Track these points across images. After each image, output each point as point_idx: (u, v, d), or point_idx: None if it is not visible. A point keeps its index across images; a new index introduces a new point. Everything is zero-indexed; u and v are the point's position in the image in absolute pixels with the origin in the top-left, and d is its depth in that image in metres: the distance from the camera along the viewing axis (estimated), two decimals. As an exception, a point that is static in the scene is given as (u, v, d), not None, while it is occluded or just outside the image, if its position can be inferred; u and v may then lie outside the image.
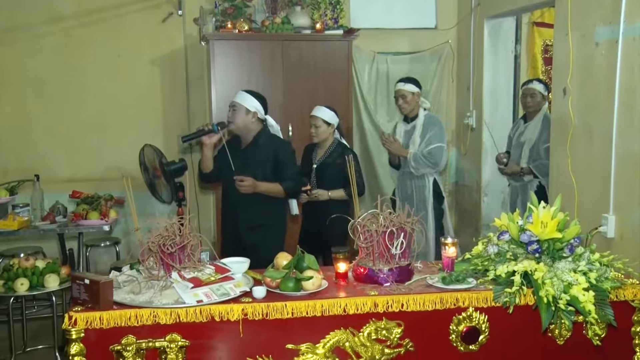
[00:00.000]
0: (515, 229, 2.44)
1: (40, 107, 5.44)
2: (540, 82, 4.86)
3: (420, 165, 4.52)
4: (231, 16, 4.99)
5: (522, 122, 4.94)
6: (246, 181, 3.63)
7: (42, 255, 4.75)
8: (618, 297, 2.42)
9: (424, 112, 4.62)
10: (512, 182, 4.94)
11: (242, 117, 3.74)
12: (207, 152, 3.81)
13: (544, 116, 4.75)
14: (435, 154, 4.49)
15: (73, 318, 2.14)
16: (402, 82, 4.65)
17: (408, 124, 4.66)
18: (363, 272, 2.48)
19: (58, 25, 5.38)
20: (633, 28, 3.43)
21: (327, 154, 4.28)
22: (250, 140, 3.79)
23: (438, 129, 4.55)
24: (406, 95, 4.57)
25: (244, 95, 3.80)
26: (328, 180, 4.22)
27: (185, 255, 2.35)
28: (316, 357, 2.29)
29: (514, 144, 4.93)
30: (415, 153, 4.52)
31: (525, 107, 4.87)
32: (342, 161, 4.14)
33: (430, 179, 4.60)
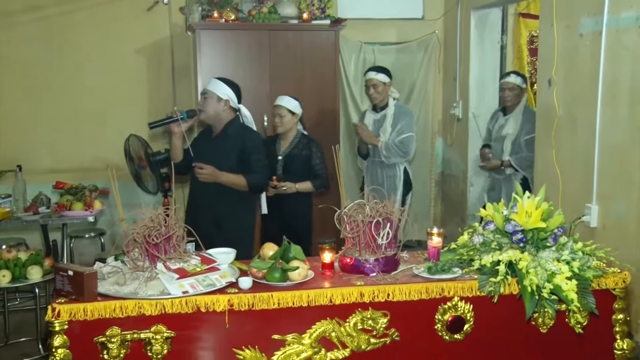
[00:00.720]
0: (500, 219, 2.46)
1: (21, 96, 5.37)
2: (518, 75, 4.81)
3: (392, 154, 4.54)
4: (217, 5, 4.95)
5: (502, 114, 4.89)
6: (205, 169, 3.48)
7: (24, 246, 4.71)
8: (600, 285, 2.45)
9: (393, 102, 4.63)
10: (494, 175, 4.92)
11: (213, 105, 3.59)
12: (176, 142, 3.67)
13: (524, 109, 4.73)
14: (407, 143, 4.53)
15: (56, 310, 2.13)
16: (374, 71, 4.64)
17: (377, 113, 4.67)
18: (349, 263, 2.48)
19: (39, 13, 5.31)
20: (616, 19, 3.46)
21: (292, 145, 4.16)
22: (220, 130, 3.65)
23: (409, 118, 4.59)
24: (378, 85, 4.58)
25: (216, 82, 3.66)
26: (295, 173, 4.10)
27: (171, 246, 2.34)
28: (302, 347, 2.29)
29: (495, 138, 4.89)
30: (387, 142, 4.54)
31: (503, 100, 4.83)
32: (308, 152, 4.11)
33: (401, 168, 4.64)
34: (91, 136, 5.49)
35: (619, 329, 2.52)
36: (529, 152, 4.56)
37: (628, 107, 3.41)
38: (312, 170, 4.13)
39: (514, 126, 4.71)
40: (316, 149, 4.15)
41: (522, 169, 4.63)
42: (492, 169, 4.85)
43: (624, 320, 2.52)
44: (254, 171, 3.59)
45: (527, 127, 4.60)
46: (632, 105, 3.37)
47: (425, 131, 6.15)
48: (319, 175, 4.13)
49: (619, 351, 2.53)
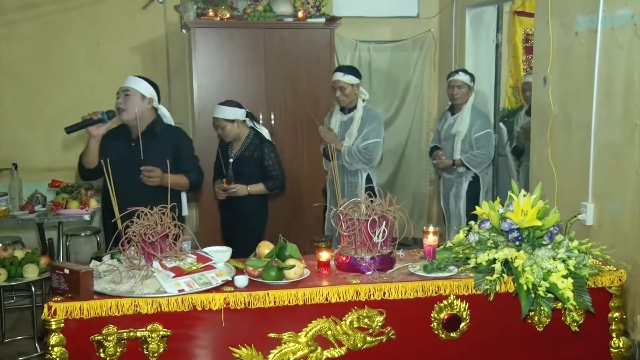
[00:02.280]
0: (496, 217, 2.46)
1: (17, 94, 5.36)
2: (466, 73, 4.72)
3: (354, 160, 4.28)
4: (212, 3, 4.95)
5: (450, 114, 4.79)
6: (155, 172, 3.29)
7: (20, 245, 4.69)
8: (596, 283, 2.45)
9: (362, 104, 4.36)
10: (446, 174, 4.79)
11: (137, 103, 3.38)
12: (93, 145, 3.36)
13: (472, 107, 4.66)
14: (372, 149, 4.26)
15: (53, 308, 2.12)
16: (341, 72, 4.34)
17: (345, 114, 4.42)
18: (345, 261, 2.48)
19: (34, 11, 5.30)
20: (611, 17, 3.47)
21: (244, 147, 4.04)
22: (143, 130, 3.41)
23: (377, 123, 4.33)
24: (345, 87, 4.28)
25: (136, 79, 3.45)
26: (246, 175, 3.99)
27: (167, 245, 2.34)
28: (298, 345, 2.29)
29: (444, 137, 4.79)
30: (350, 147, 4.28)
31: (452, 98, 4.73)
32: (259, 154, 4.01)
33: (364, 175, 4.37)
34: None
35: (615, 327, 2.53)
36: (479, 150, 4.52)
37: (623, 105, 3.42)
38: (265, 172, 4.03)
39: (464, 124, 4.61)
40: (268, 150, 4.03)
41: (473, 167, 4.55)
42: (444, 168, 4.73)
43: (620, 319, 2.53)
44: (191, 169, 3.47)
45: (477, 125, 4.55)
46: (627, 103, 3.39)
47: (420, 129, 6.16)
48: (273, 177, 4.03)
49: (615, 349, 2.54)
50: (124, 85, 3.43)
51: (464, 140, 4.59)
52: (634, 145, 3.34)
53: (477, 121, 4.56)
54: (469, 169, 4.57)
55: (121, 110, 3.39)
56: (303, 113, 5.11)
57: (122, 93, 3.41)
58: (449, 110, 4.82)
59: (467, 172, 4.61)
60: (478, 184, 4.60)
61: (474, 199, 4.57)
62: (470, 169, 4.56)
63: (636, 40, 3.30)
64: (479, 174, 4.59)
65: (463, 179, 4.63)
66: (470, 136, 4.57)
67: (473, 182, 4.60)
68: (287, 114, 5.09)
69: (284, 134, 5.11)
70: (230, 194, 3.95)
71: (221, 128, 3.99)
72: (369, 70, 5.96)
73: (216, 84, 5.01)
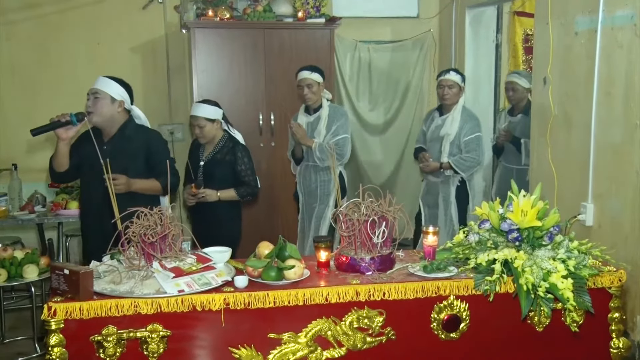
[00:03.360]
0: (496, 218, 2.46)
1: (16, 94, 5.36)
2: (457, 73, 4.57)
3: (325, 155, 4.28)
4: (212, 4, 4.95)
5: (438, 114, 4.63)
6: (119, 179, 3.13)
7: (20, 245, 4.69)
8: (596, 284, 2.45)
9: (327, 103, 4.40)
10: (432, 178, 4.61)
11: (106, 106, 3.26)
12: (62, 148, 3.27)
13: (463, 108, 4.50)
14: (342, 145, 4.31)
15: (52, 309, 2.12)
16: (308, 70, 4.34)
17: (310, 115, 4.41)
18: (345, 261, 2.48)
19: (34, 11, 5.29)
20: (612, 18, 3.46)
21: (216, 150, 3.88)
22: (114, 132, 3.31)
23: (344, 120, 4.38)
24: (312, 85, 4.31)
25: (107, 81, 3.31)
26: (217, 179, 3.81)
27: (167, 245, 2.34)
28: (298, 346, 2.29)
29: (430, 138, 4.63)
30: (321, 143, 4.30)
31: (441, 99, 4.56)
32: (232, 158, 3.82)
33: (336, 172, 4.19)
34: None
35: (614, 327, 2.53)
36: (469, 154, 4.39)
37: (623, 105, 3.42)
38: (238, 177, 3.84)
39: (454, 126, 4.46)
40: (242, 154, 3.84)
41: (461, 171, 4.40)
42: (432, 171, 4.55)
43: (619, 319, 2.53)
44: (165, 172, 3.18)
45: (467, 128, 4.42)
46: (627, 103, 3.38)
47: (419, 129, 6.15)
48: (245, 183, 3.83)
49: (614, 350, 2.54)
50: (93, 87, 3.30)
51: (452, 143, 4.45)
52: (634, 146, 3.34)
53: (468, 124, 4.43)
54: (457, 173, 4.43)
55: (90, 114, 3.26)
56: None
57: (91, 95, 3.29)
58: (437, 110, 4.69)
59: (454, 176, 4.47)
60: (466, 189, 4.48)
61: (463, 204, 4.48)
62: (458, 172, 4.42)
63: (636, 40, 3.30)
64: (466, 178, 4.46)
65: (450, 183, 4.49)
66: (459, 139, 4.43)
67: (461, 186, 4.47)
68: (287, 115, 5.08)
69: (284, 134, 5.10)
70: (199, 200, 3.75)
71: (199, 128, 3.82)
72: (369, 71, 5.96)
73: (216, 84, 5.01)
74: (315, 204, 4.45)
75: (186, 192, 3.82)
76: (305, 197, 4.52)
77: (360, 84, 5.98)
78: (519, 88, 4.82)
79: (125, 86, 3.37)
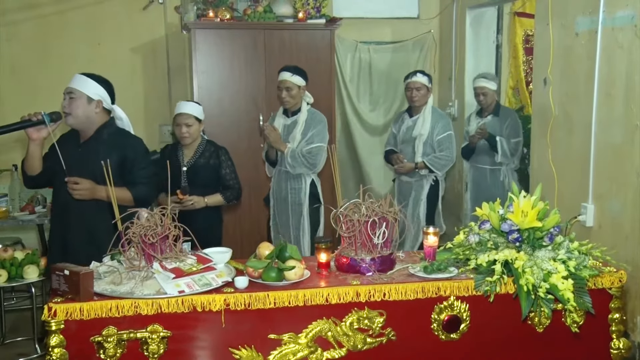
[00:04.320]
0: (496, 218, 2.46)
1: (16, 95, 5.35)
2: (424, 75, 4.60)
3: (297, 163, 4.09)
4: (213, 4, 4.95)
5: (407, 116, 4.67)
6: (82, 184, 2.90)
7: (21, 246, 4.70)
8: (596, 285, 2.45)
9: (307, 107, 4.20)
10: (405, 178, 4.64)
11: (82, 107, 3.03)
12: (34, 150, 3.05)
13: (432, 109, 4.58)
14: (315, 154, 4.08)
15: (53, 309, 2.12)
16: (289, 72, 4.13)
17: (288, 118, 4.22)
18: (345, 262, 2.48)
19: (34, 11, 5.30)
20: (612, 19, 3.46)
21: (197, 154, 3.74)
22: (91, 135, 3.09)
23: (322, 127, 4.16)
24: (292, 88, 4.10)
25: (84, 80, 3.10)
26: (202, 185, 3.68)
27: (167, 246, 2.34)
28: (298, 346, 2.29)
29: (402, 140, 4.65)
30: (294, 149, 4.09)
31: (410, 101, 4.59)
32: (216, 161, 3.71)
33: (308, 180, 4.17)
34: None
35: (615, 328, 2.53)
36: (442, 152, 4.46)
37: (623, 106, 3.42)
38: (222, 181, 3.74)
39: (425, 127, 4.50)
40: (225, 157, 3.78)
41: (437, 169, 4.47)
42: (407, 172, 4.59)
43: (620, 320, 2.53)
44: (140, 182, 3.08)
45: (439, 127, 4.48)
46: (628, 104, 3.38)
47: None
48: (230, 186, 3.76)
49: (615, 350, 2.54)
50: (68, 86, 3.08)
51: (425, 143, 4.49)
52: (634, 146, 3.34)
53: (439, 123, 4.49)
54: (432, 172, 4.49)
55: (66, 114, 3.05)
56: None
57: (66, 95, 3.08)
58: (407, 112, 4.72)
59: (428, 175, 4.52)
60: (437, 188, 4.54)
61: (433, 203, 4.55)
62: (433, 171, 4.48)
63: (637, 41, 3.30)
64: (440, 177, 4.53)
65: (424, 182, 4.53)
66: (432, 138, 4.48)
67: (434, 185, 4.53)
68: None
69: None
70: (186, 207, 3.56)
71: (187, 126, 3.69)
72: (370, 72, 5.97)
73: (216, 84, 5.01)
74: (287, 213, 4.24)
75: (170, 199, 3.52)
76: (276, 203, 4.33)
77: (360, 84, 5.98)
78: (488, 92, 4.86)
79: (105, 84, 3.16)
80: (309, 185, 4.17)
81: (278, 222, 4.34)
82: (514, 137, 4.78)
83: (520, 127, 4.85)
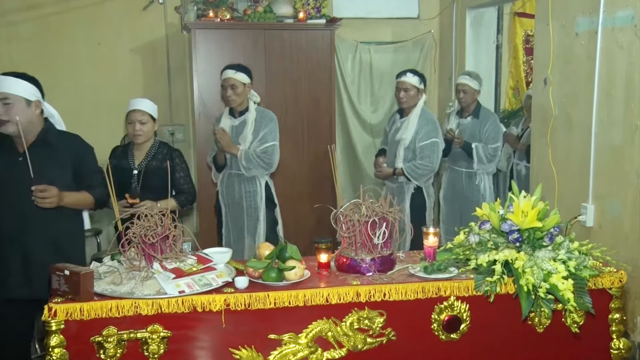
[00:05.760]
0: (496, 219, 2.46)
1: (17, 95, 5.35)
2: (415, 74, 4.29)
3: (252, 165, 3.93)
4: (213, 5, 4.95)
5: (398, 117, 4.41)
6: (49, 191, 2.74)
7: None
8: (596, 285, 2.45)
9: (254, 106, 4.05)
10: (389, 183, 4.39)
11: (22, 111, 2.79)
12: None
13: (422, 112, 4.26)
14: (270, 153, 3.96)
15: (53, 309, 2.12)
16: (232, 69, 3.98)
17: (235, 118, 4.05)
18: (345, 262, 2.48)
19: (35, 12, 5.29)
20: (612, 19, 3.46)
21: (149, 156, 3.54)
22: (32, 141, 2.86)
23: (273, 125, 4.02)
24: (237, 86, 3.94)
25: (15, 81, 2.82)
26: (154, 188, 3.46)
27: (167, 246, 2.34)
28: (299, 347, 2.29)
29: (389, 141, 4.41)
30: (247, 151, 3.93)
31: (398, 102, 4.34)
32: (170, 164, 3.44)
33: (262, 182, 4.03)
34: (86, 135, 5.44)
35: (615, 328, 2.53)
36: (422, 160, 4.17)
37: (623, 106, 3.42)
38: (175, 185, 3.56)
39: (409, 131, 4.22)
40: (179, 160, 3.59)
41: (414, 179, 4.19)
42: (385, 177, 4.35)
43: (620, 320, 2.53)
44: (95, 184, 2.97)
45: (423, 133, 4.18)
46: (628, 104, 3.38)
47: None
48: (184, 191, 3.58)
49: (615, 351, 2.54)
50: (1, 91, 2.79)
51: (407, 148, 4.22)
52: (635, 147, 3.34)
53: (424, 129, 4.18)
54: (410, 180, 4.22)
55: (3, 122, 2.79)
56: (304, 114, 5.12)
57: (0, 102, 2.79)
58: (398, 113, 4.46)
59: (408, 183, 4.24)
60: (422, 196, 4.25)
61: (418, 212, 4.23)
62: (410, 180, 4.21)
63: (637, 41, 3.30)
64: (422, 185, 4.25)
65: (404, 190, 4.24)
66: (414, 144, 4.20)
67: (416, 193, 4.24)
68: (287, 116, 5.08)
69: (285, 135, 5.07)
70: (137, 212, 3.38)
71: (140, 124, 3.48)
72: (370, 72, 5.96)
73: (216, 85, 4.98)
74: (242, 218, 4.06)
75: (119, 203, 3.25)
76: (228, 209, 4.11)
77: (361, 85, 5.98)
78: (469, 90, 4.64)
79: (35, 81, 2.92)
80: (264, 188, 4.05)
81: (231, 228, 4.12)
82: (492, 142, 4.55)
83: (501, 132, 4.65)
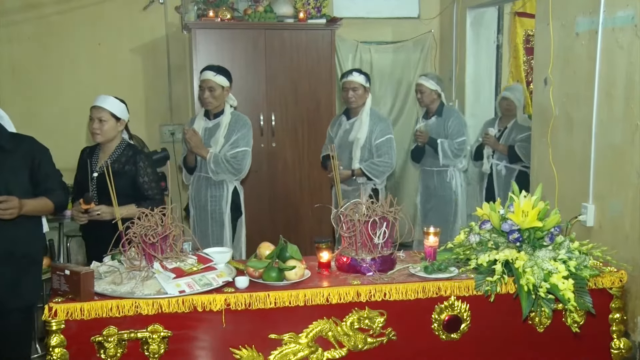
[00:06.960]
0: (497, 218, 2.46)
1: (17, 95, 5.36)
2: (361, 73, 4.25)
3: (221, 169, 3.84)
4: (213, 4, 4.95)
5: (345, 119, 4.34)
6: (10, 202, 2.62)
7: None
8: (596, 285, 2.45)
9: (230, 110, 3.98)
10: (344, 186, 4.23)
11: None
12: None
13: (371, 111, 4.24)
14: (241, 158, 3.86)
15: (53, 309, 2.12)
16: (212, 71, 3.91)
17: (210, 120, 3.98)
18: (346, 262, 2.48)
19: (35, 12, 5.29)
20: (612, 19, 3.46)
21: (112, 158, 3.28)
22: None
23: (247, 130, 3.93)
24: (215, 88, 3.88)
25: None
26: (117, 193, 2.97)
27: (167, 246, 2.34)
28: (299, 346, 2.29)
29: (339, 144, 4.29)
30: (217, 154, 3.85)
31: (347, 102, 4.27)
32: (132, 168, 3.24)
33: (230, 188, 3.94)
34: (87, 135, 5.48)
35: (615, 328, 2.53)
36: (380, 158, 4.15)
37: (624, 106, 3.42)
38: (139, 191, 3.26)
39: (363, 130, 4.17)
40: (144, 164, 3.28)
41: (375, 177, 4.15)
42: (344, 180, 4.18)
43: (620, 320, 2.53)
44: (53, 187, 2.87)
45: (378, 130, 4.16)
46: (628, 104, 3.38)
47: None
48: (148, 197, 3.26)
49: (615, 350, 2.54)
50: None
51: (363, 147, 4.17)
52: (635, 146, 3.34)
53: (378, 126, 4.16)
54: (370, 179, 4.17)
55: None
56: (304, 114, 5.12)
57: None
58: (344, 115, 4.39)
59: (367, 183, 4.17)
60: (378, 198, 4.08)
61: None
62: (371, 178, 4.16)
63: (637, 41, 3.30)
64: (379, 185, 4.20)
65: (362, 191, 4.07)
66: (370, 143, 4.16)
67: (374, 192, 4.14)
68: (288, 116, 5.09)
69: (285, 135, 5.11)
70: (93, 217, 3.11)
71: (99, 121, 3.24)
72: (371, 72, 5.95)
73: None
74: (207, 223, 3.99)
75: (75, 209, 3.18)
76: (196, 212, 4.03)
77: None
78: (425, 90, 4.65)
79: None
80: (231, 193, 3.95)
81: (198, 232, 4.03)
82: (457, 137, 4.57)
83: (464, 126, 4.66)
